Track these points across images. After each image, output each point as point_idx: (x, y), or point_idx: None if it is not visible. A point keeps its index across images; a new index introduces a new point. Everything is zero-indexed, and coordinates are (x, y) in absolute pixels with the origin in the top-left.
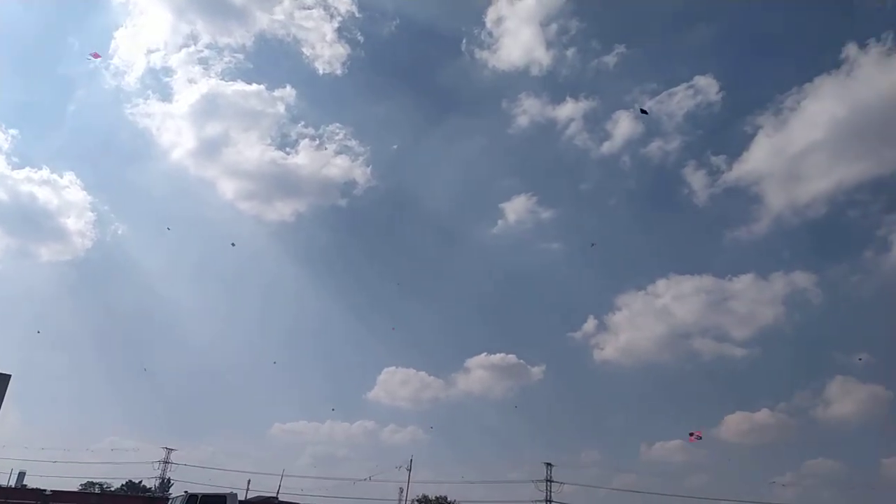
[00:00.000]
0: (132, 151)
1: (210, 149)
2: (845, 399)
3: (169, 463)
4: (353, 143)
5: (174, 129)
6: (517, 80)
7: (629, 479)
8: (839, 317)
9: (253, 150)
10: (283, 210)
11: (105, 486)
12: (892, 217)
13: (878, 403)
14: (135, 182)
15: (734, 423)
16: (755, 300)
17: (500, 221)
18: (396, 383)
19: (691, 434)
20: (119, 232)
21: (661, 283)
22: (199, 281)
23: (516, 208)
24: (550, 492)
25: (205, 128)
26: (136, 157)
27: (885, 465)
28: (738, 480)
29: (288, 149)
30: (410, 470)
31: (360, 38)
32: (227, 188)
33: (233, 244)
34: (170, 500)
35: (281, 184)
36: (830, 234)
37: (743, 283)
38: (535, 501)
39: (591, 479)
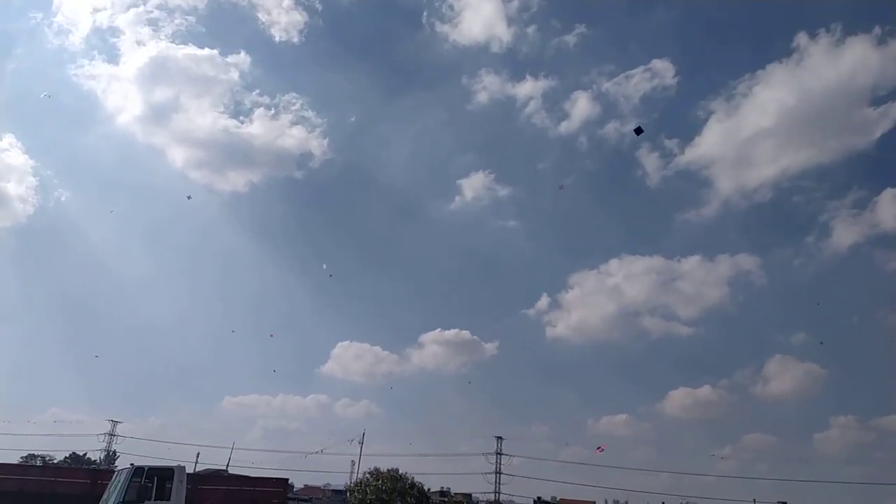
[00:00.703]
0: (76, 115)
1: (159, 115)
2: (783, 377)
3: (115, 436)
4: (309, 113)
5: (121, 93)
6: (477, 56)
7: (577, 451)
8: (780, 298)
9: (204, 118)
10: (236, 180)
11: (48, 459)
12: (834, 204)
13: (814, 381)
14: (79, 147)
15: (678, 399)
16: (702, 281)
17: (457, 198)
18: (350, 357)
19: (598, 448)
20: (63, 199)
21: (613, 263)
22: (147, 251)
23: (474, 185)
24: (500, 464)
25: (153, 92)
26: (81, 121)
27: (816, 440)
28: (679, 453)
29: (241, 117)
30: (363, 443)
31: (318, 6)
32: (177, 156)
33: (189, 197)
34: (115, 473)
35: (234, 153)
36: (775, 218)
37: (691, 264)
38: (486, 473)
39: (541, 452)
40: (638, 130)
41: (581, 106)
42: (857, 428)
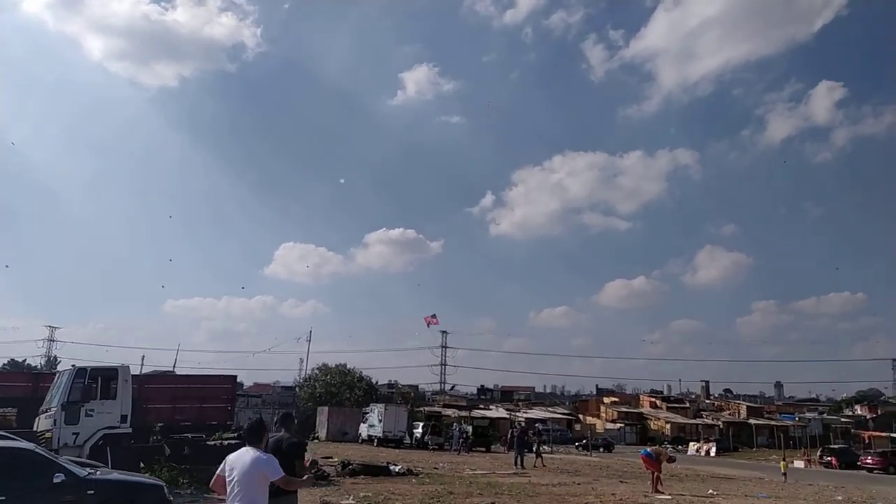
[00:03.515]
0: None
1: None
2: (711, 266)
3: (54, 341)
4: None
5: None
6: None
7: (519, 342)
8: (715, 191)
9: (122, 3)
10: (164, 73)
11: None
12: (771, 96)
13: (740, 269)
14: None
15: (614, 290)
16: (641, 176)
17: (399, 92)
18: (294, 258)
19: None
20: None
21: (557, 159)
22: (72, 149)
23: (417, 78)
24: (446, 357)
25: None
26: None
27: (739, 324)
28: (614, 340)
29: (164, 3)
30: (310, 341)
31: None
32: (95, 46)
33: None
34: (57, 375)
35: (158, 43)
36: (714, 112)
37: (632, 159)
38: (432, 365)
39: (484, 344)
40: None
41: None
42: (777, 312)
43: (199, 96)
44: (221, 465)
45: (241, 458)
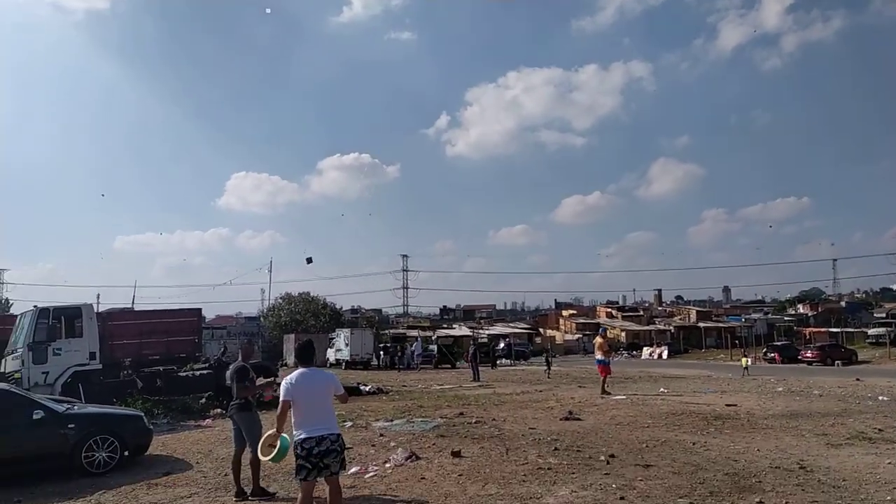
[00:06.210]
0: None
1: None
2: (664, 178)
3: (3, 283)
4: None
5: None
6: None
7: (479, 262)
8: (668, 103)
9: None
10: None
11: None
12: (723, 2)
13: (692, 180)
14: None
15: (570, 206)
16: (596, 90)
17: (345, 8)
18: (248, 188)
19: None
20: None
21: (511, 76)
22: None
23: None
24: (407, 280)
25: None
26: None
27: (690, 234)
28: (571, 255)
29: None
30: (271, 271)
31: None
32: None
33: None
34: (19, 317)
35: None
36: (667, 21)
37: (587, 73)
38: (394, 289)
39: (445, 266)
40: (308, 260)
41: None
42: (726, 220)
43: (133, 18)
44: (285, 391)
45: (308, 379)
